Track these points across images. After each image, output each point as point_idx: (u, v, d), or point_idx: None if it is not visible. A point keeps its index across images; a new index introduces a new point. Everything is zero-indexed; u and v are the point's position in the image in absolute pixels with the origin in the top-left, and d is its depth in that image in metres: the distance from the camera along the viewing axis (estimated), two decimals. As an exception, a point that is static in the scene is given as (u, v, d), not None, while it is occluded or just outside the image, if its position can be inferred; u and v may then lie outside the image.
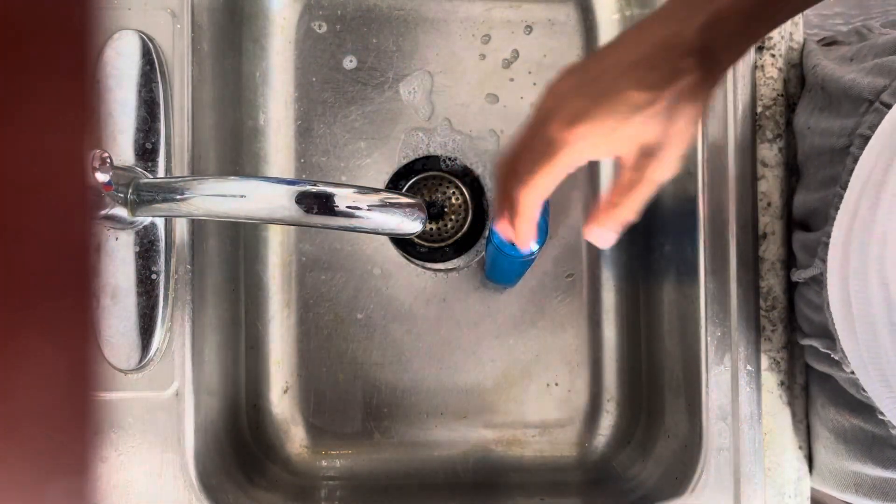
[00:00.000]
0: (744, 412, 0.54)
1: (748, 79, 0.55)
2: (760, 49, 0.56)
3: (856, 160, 0.44)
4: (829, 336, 0.48)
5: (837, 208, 0.45)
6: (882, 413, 0.45)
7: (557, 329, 0.65)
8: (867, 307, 0.41)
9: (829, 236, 0.46)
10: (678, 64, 0.35)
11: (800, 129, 0.54)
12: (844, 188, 0.45)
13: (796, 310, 0.54)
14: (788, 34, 0.56)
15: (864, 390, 0.45)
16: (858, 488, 0.51)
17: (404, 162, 0.65)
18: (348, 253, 0.64)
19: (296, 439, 0.64)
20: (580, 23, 0.65)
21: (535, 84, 0.65)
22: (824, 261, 0.46)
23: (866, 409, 0.48)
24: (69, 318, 0.17)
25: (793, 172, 0.56)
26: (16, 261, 0.15)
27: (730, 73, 0.55)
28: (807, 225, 0.52)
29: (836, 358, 0.47)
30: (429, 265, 0.65)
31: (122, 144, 0.52)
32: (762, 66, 0.56)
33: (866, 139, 0.45)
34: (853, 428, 0.49)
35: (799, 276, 0.51)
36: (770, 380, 0.55)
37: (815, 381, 0.54)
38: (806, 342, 0.52)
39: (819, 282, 0.49)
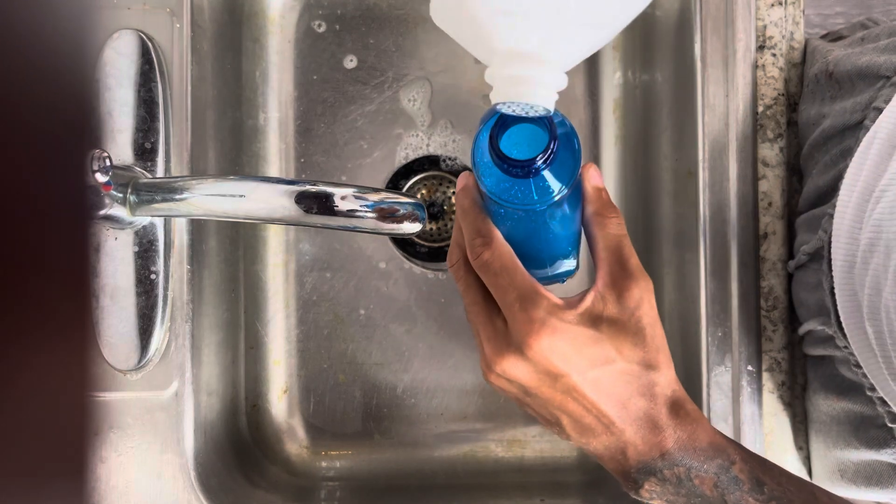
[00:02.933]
0: (745, 413, 0.54)
1: (749, 78, 0.55)
2: (762, 48, 0.56)
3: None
4: (824, 314, 0.48)
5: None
6: (871, 389, 0.45)
7: (558, 329, 0.65)
8: (877, 258, 0.40)
9: (834, 207, 0.45)
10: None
11: (806, 121, 0.54)
12: None
13: (794, 300, 0.54)
14: (789, 34, 0.56)
15: (856, 366, 0.45)
16: (843, 474, 0.51)
17: (404, 162, 0.64)
18: (348, 253, 0.64)
19: (295, 440, 0.64)
20: (580, 22, 0.65)
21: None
22: (827, 231, 0.46)
23: (855, 389, 0.48)
24: (68, 318, 0.17)
25: (794, 172, 0.56)
26: (15, 260, 0.15)
27: (729, 73, 0.55)
28: (814, 208, 0.52)
29: (831, 332, 0.47)
30: (429, 265, 0.64)
31: (121, 144, 0.51)
32: (763, 65, 0.56)
33: (880, 112, 0.44)
34: (842, 410, 0.49)
35: (800, 255, 0.51)
36: (771, 380, 0.55)
37: (809, 370, 0.54)
38: (803, 329, 0.52)
39: (818, 258, 0.49)
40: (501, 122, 0.33)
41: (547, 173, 0.32)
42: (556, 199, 0.33)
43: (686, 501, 0.37)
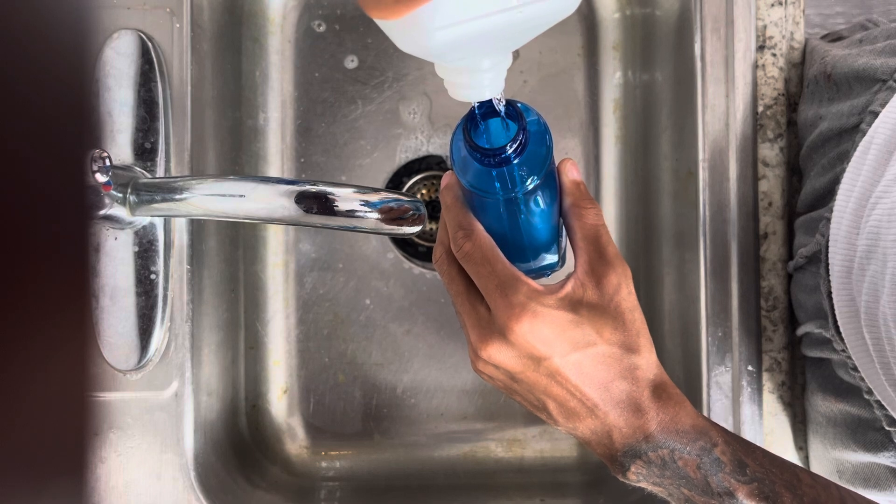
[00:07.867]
0: (745, 413, 0.54)
1: (749, 78, 0.55)
2: (762, 48, 0.56)
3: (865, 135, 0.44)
4: (822, 317, 0.48)
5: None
6: (868, 392, 0.45)
7: (558, 329, 0.65)
8: (874, 265, 0.40)
9: (832, 211, 0.45)
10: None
11: (804, 122, 0.54)
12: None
13: (793, 301, 0.54)
14: (790, 33, 0.56)
15: (854, 370, 0.45)
16: (841, 475, 0.51)
17: (404, 162, 0.64)
18: (348, 253, 0.64)
19: (295, 440, 0.64)
20: (580, 22, 0.65)
21: (525, 82, 0.65)
22: (824, 235, 0.46)
23: (853, 392, 0.48)
24: (68, 318, 0.17)
25: (794, 172, 0.56)
26: (14, 260, 0.15)
27: (730, 73, 0.55)
28: (812, 210, 0.52)
29: (828, 336, 0.47)
30: (429, 265, 0.64)
31: (121, 144, 0.51)
32: (763, 65, 0.56)
33: (877, 115, 0.44)
34: (840, 413, 0.49)
35: (798, 258, 0.51)
36: (771, 380, 0.55)
37: (808, 371, 0.54)
38: (801, 330, 0.52)
39: (816, 261, 0.49)
40: (474, 117, 0.35)
41: (520, 161, 0.34)
42: (531, 186, 0.35)
43: (671, 483, 0.37)
